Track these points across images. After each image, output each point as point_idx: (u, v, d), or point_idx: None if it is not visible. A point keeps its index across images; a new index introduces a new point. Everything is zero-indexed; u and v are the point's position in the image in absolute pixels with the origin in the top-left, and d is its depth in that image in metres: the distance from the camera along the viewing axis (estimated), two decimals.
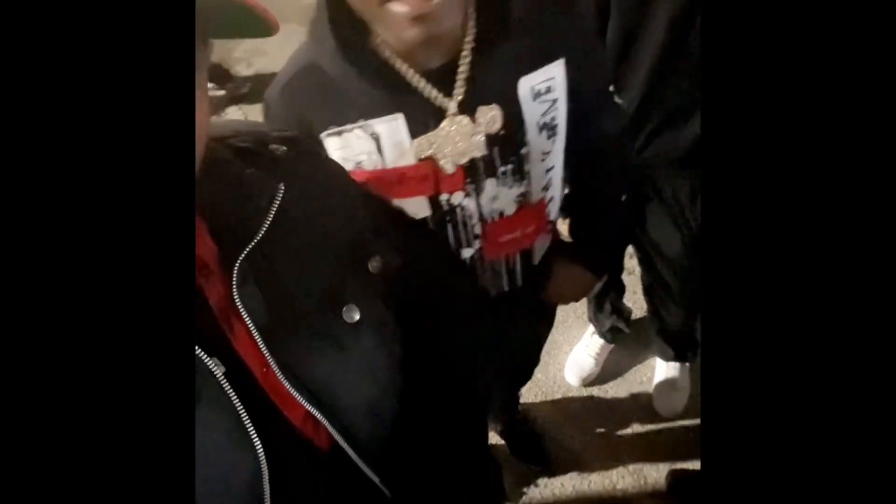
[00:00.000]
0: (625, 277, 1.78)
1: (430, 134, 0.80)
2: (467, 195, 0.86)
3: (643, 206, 1.37)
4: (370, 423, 0.56)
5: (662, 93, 1.16)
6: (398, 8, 0.66)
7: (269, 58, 3.05)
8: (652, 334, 1.72)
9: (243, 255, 0.52)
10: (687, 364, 1.74)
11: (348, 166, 0.81)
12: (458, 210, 0.87)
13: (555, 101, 0.84)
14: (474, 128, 0.81)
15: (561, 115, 0.86)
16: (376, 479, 0.57)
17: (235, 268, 0.51)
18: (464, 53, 0.78)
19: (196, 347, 0.47)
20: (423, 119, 0.80)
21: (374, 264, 0.59)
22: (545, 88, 0.82)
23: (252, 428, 0.48)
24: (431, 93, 0.79)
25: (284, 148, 0.60)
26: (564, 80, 0.83)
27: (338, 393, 0.54)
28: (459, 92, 0.79)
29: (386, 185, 0.82)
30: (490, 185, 0.86)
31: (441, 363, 0.62)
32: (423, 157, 0.82)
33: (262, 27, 0.46)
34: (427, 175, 0.82)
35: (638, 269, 1.74)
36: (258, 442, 0.48)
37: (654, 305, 1.62)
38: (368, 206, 0.65)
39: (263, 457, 0.48)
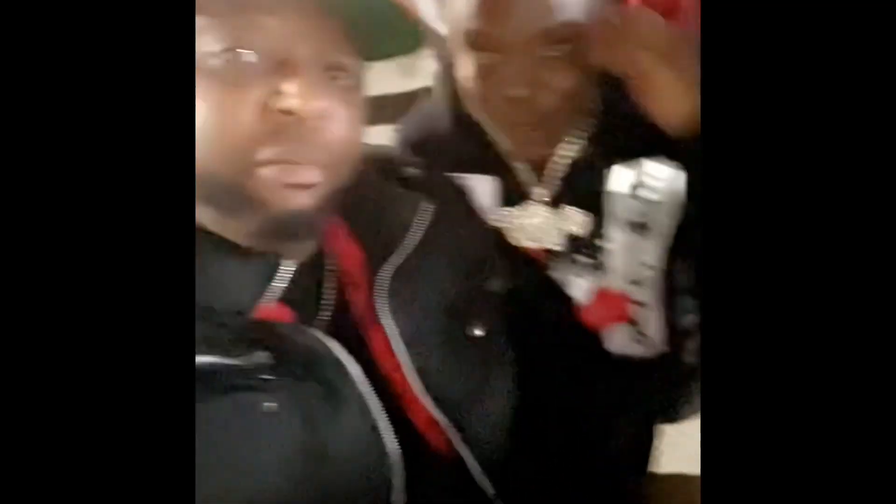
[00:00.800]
0: None
1: (512, 209, 0.82)
2: None
3: None
4: (489, 434, 0.59)
5: None
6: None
7: None
8: None
9: (388, 268, 0.56)
10: None
11: None
12: None
13: (655, 200, 0.79)
14: (557, 222, 0.81)
15: (661, 216, 0.79)
16: (491, 491, 0.59)
17: (380, 278, 0.56)
18: (567, 141, 0.79)
19: (341, 349, 0.51)
20: (514, 191, 0.82)
21: (495, 284, 0.64)
22: (641, 184, 0.79)
23: (388, 430, 0.51)
24: (525, 175, 0.81)
25: (417, 170, 0.67)
26: (673, 180, 0.76)
27: (461, 403, 0.57)
28: (551, 183, 0.81)
29: None
30: (564, 271, 0.84)
31: (552, 384, 0.66)
32: (498, 226, 0.83)
33: (416, 42, 0.53)
34: None
35: None
36: (393, 443, 0.51)
37: None
38: (487, 230, 0.71)
39: (398, 458, 0.51)
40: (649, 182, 0.79)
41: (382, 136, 0.88)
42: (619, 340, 0.89)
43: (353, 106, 0.50)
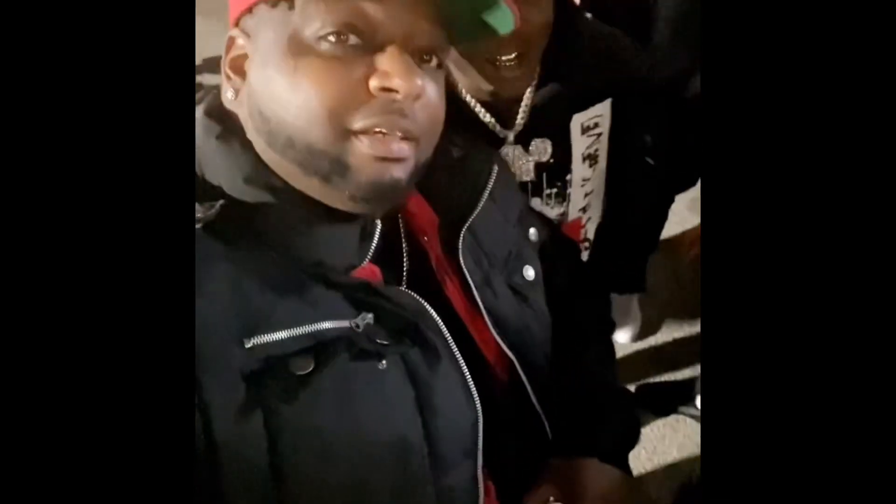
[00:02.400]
0: None
1: None
2: None
3: None
4: (545, 363, 0.69)
5: None
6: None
7: None
8: None
9: (469, 223, 0.64)
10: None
11: None
12: None
13: (599, 134, 0.95)
14: (527, 156, 0.93)
15: (603, 147, 0.97)
16: (544, 419, 0.66)
17: (462, 233, 0.64)
18: (528, 91, 0.89)
19: (433, 312, 0.56)
20: (487, 142, 0.89)
21: (532, 233, 0.74)
22: (593, 124, 0.94)
23: (472, 382, 0.56)
24: (493, 123, 0.90)
25: (466, 134, 0.71)
26: (609, 117, 0.94)
27: (524, 337, 0.66)
28: (519, 124, 0.91)
29: None
30: (535, 203, 0.97)
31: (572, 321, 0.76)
32: None
33: (508, 22, 0.56)
34: None
35: None
36: (475, 393, 0.56)
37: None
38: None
39: (479, 406, 0.56)
40: (595, 120, 0.93)
41: None
42: None
43: (439, 85, 0.55)
